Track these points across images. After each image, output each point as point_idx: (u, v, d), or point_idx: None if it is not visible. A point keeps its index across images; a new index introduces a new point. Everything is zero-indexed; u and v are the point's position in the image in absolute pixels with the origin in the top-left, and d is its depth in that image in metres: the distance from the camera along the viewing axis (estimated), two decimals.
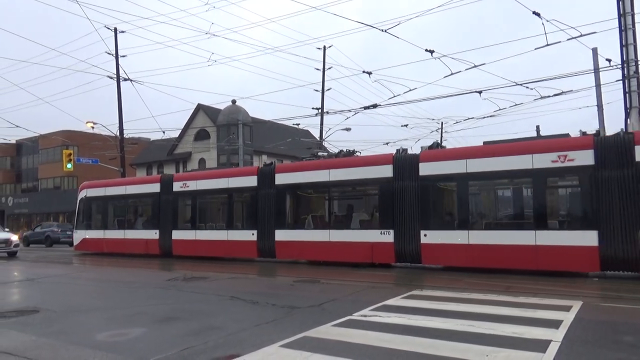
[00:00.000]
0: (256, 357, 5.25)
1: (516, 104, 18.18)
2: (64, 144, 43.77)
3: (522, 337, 5.82)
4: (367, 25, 17.18)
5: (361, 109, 20.82)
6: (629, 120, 15.09)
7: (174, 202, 19.32)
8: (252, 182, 17.04)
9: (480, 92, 16.92)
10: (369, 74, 19.69)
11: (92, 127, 29.21)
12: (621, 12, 14.98)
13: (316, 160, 16.74)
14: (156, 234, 19.63)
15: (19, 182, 60.18)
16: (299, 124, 31.49)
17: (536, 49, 14.95)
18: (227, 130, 34.08)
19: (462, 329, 6.31)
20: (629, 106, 15.06)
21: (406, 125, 25.92)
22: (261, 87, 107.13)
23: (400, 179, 13.95)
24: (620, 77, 15.37)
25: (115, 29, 27.32)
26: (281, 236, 16.11)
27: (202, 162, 39.31)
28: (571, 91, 16.03)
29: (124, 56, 27.87)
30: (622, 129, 11.94)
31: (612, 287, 10.27)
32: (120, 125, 27.93)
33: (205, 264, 16.85)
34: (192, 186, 18.76)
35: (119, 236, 21.08)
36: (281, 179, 16.36)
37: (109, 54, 27.31)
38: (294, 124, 28.90)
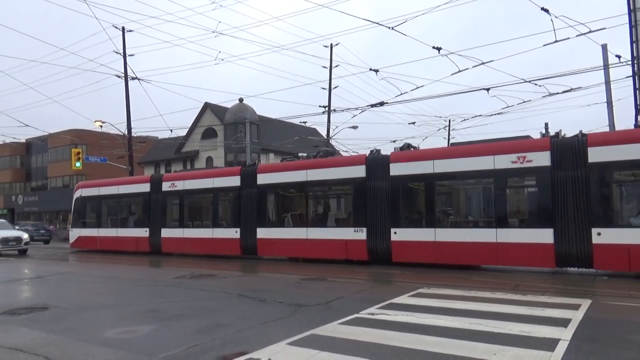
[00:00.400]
0: (263, 354, 5.26)
1: (524, 101, 18.11)
2: (73, 143, 44.01)
3: (531, 336, 5.79)
4: (374, 22, 17.16)
5: (368, 106, 20.85)
6: (638, 117, 14.95)
7: (163, 202, 20.13)
8: (235, 182, 17.68)
9: (488, 90, 16.84)
10: (376, 71, 19.64)
11: (101, 126, 29.37)
12: (631, 8, 14.85)
13: (295, 161, 17.29)
14: (146, 232, 20.39)
15: (28, 180, 60.71)
16: (306, 122, 31.54)
17: (545, 45, 14.84)
18: (235, 128, 34.13)
19: (469, 327, 6.29)
20: (639, 103, 14.93)
21: (413, 123, 25.72)
22: (268, 86, 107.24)
23: (372, 179, 14.53)
24: (630, 74, 15.23)
25: (123, 28, 27.43)
26: (262, 234, 16.72)
27: (209, 161, 39.40)
28: (580, 88, 15.88)
29: (131, 55, 28.00)
30: (632, 127, 11.91)
31: (621, 285, 10.17)
32: (128, 124, 28.08)
33: (211, 261, 16.93)
34: (180, 186, 19.53)
35: (111, 234, 21.94)
36: (262, 179, 17.00)
37: (117, 53, 27.44)
38: (301, 122, 28.87)
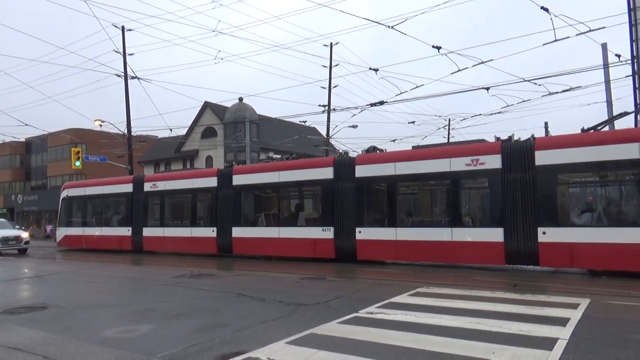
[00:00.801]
0: (262, 353, 5.27)
1: (524, 100, 18.08)
2: (73, 142, 44.00)
3: (529, 335, 5.80)
4: (374, 21, 17.15)
5: (368, 105, 20.81)
6: (639, 116, 14.96)
7: (145, 202, 20.71)
8: (212, 183, 18.25)
9: (487, 89, 16.82)
10: (376, 70, 19.63)
11: (100, 125, 29.32)
12: (631, 7, 14.84)
13: (269, 162, 18.06)
14: (129, 231, 21.01)
15: (28, 179, 60.71)
16: (305, 121, 31.47)
17: (544, 44, 14.82)
18: (234, 127, 34.14)
19: (468, 326, 6.30)
20: (638, 102, 14.93)
21: (413, 122, 25.74)
22: (268, 85, 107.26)
23: (339, 181, 15.11)
24: (630, 73, 15.23)
25: (122, 27, 27.39)
26: (237, 233, 17.29)
27: (209, 160, 39.41)
28: (580, 87, 15.87)
29: (131, 54, 27.97)
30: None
31: (620, 284, 10.17)
32: (128, 123, 28.05)
33: (208, 260, 16.94)
34: (161, 186, 20.11)
35: (96, 233, 22.68)
36: (238, 180, 17.55)
37: (117, 52, 27.38)
38: (300, 121, 28.85)
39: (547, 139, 12.33)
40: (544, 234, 11.58)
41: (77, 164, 27.31)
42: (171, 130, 28.17)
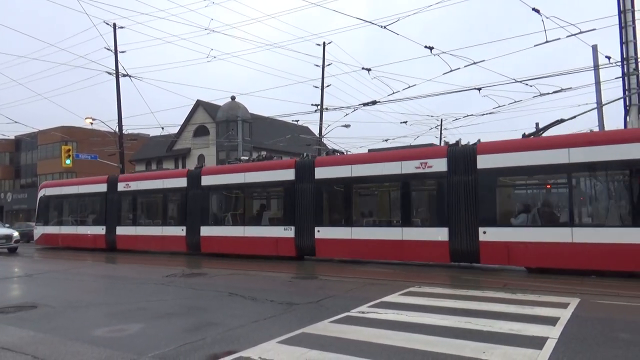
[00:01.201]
0: (254, 353, 5.26)
1: (515, 101, 18.16)
2: (63, 140, 43.63)
3: (519, 334, 5.84)
4: (366, 21, 17.17)
5: (360, 105, 20.79)
6: (628, 117, 15.10)
7: (118, 201, 21.17)
8: (182, 183, 18.82)
9: (479, 89, 16.87)
10: (368, 70, 19.64)
11: (91, 123, 29.08)
12: (621, 9, 14.96)
13: (236, 164, 18.53)
14: (103, 229, 21.48)
15: (17, 177, 60.10)
16: (298, 121, 31.41)
17: (535, 45, 14.90)
18: (227, 126, 34.05)
19: (459, 325, 6.33)
20: (628, 104, 15.07)
21: (405, 122, 25.78)
22: (261, 84, 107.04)
23: (300, 182, 15.76)
24: (620, 75, 15.36)
25: (114, 25, 27.21)
26: (205, 232, 17.87)
27: (201, 159, 39.24)
28: (570, 88, 15.96)
29: (123, 52, 27.92)
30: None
31: (609, 284, 10.28)
32: (119, 121, 27.85)
33: (203, 259, 16.88)
34: (134, 186, 20.59)
35: (71, 231, 23.08)
36: (206, 181, 18.12)
37: (108, 50, 27.21)
38: (293, 121, 28.80)
39: (489, 144, 12.99)
40: (484, 233, 12.27)
41: (68, 162, 27.09)
42: (163, 128, 28.08)
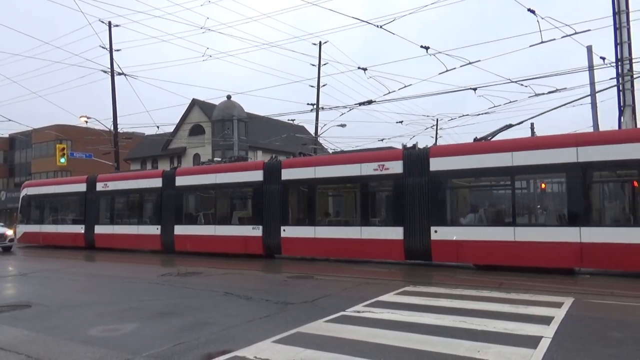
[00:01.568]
0: (249, 352, 5.26)
1: (511, 101, 18.34)
2: (58, 139, 43.36)
3: (514, 333, 5.87)
4: (362, 20, 17.17)
5: (356, 105, 20.80)
6: (622, 118, 15.15)
7: (97, 201, 21.68)
8: (158, 183, 19.30)
9: (475, 89, 16.93)
10: (364, 70, 19.66)
11: (86, 122, 28.92)
12: (616, 10, 15.00)
13: (209, 165, 19.12)
14: (82, 228, 21.92)
15: (12, 176, 59.81)
16: (294, 120, 31.40)
17: (531, 46, 14.97)
18: (222, 125, 33.96)
19: (454, 324, 6.35)
20: (622, 104, 15.12)
21: (401, 121, 25.88)
22: (257, 83, 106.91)
23: (268, 183, 16.29)
24: (614, 75, 15.42)
25: (109, 23, 27.07)
26: (179, 231, 18.39)
27: (196, 158, 39.11)
28: (565, 89, 16.03)
29: (118, 50, 27.69)
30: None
31: (603, 284, 10.35)
32: (114, 119, 27.69)
33: (199, 259, 16.85)
34: (111, 186, 21.10)
35: (52, 230, 23.48)
36: (180, 181, 18.63)
37: (103, 48, 27.05)
38: (289, 120, 28.79)
39: (441, 147, 13.71)
40: (436, 232, 12.88)
41: (62, 160, 26.95)
42: (158, 127, 27.96)
